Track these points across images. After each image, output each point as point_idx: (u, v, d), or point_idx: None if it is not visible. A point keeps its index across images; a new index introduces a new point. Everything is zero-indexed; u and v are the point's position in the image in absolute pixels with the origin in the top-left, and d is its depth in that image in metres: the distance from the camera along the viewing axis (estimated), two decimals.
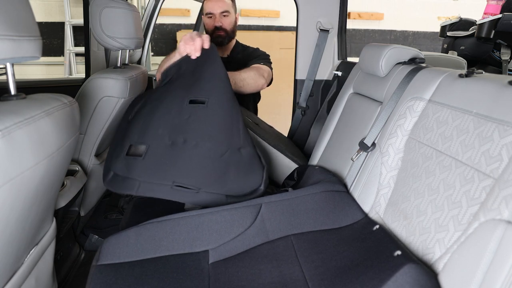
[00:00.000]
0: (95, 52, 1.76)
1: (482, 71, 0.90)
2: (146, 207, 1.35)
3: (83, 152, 1.46)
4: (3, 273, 0.75)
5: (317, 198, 1.10)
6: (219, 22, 1.75)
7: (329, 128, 1.50)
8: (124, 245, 0.97)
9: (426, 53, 1.92)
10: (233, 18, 1.80)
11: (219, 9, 1.73)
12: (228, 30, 1.78)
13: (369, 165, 1.09)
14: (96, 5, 1.32)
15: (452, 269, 0.70)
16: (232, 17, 1.79)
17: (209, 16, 1.76)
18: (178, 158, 1.09)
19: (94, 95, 1.37)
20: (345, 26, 1.93)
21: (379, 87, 1.24)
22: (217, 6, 1.73)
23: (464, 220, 0.72)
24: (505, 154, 0.69)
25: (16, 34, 0.68)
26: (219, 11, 1.74)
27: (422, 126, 0.96)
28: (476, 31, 2.87)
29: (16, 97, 0.75)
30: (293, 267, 0.93)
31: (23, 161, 0.68)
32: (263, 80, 1.68)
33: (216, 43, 1.75)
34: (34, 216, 0.82)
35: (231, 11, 1.77)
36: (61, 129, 0.82)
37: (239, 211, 1.06)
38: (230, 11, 1.76)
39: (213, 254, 0.99)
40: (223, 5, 1.74)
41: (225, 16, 1.75)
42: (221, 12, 1.74)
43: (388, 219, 0.96)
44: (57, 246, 1.07)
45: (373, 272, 0.78)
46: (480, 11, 3.31)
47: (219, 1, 1.74)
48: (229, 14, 1.76)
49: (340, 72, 1.86)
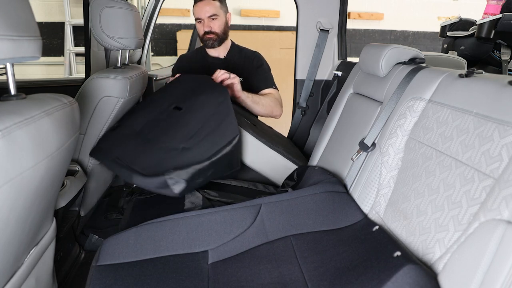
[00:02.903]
0: (95, 52, 1.76)
1: (482, 71, 0.90)
2: (145, 208, 1.35)
3: (83, 152, 1.46)
4: (3, 273, 0.75)
5: (316, 198, 1.10)
6: (208, 26, 1.73)
7: (329, 128, 1.50)
8: (123, 246, 0.97)
9: (426, 53, 1.92)
10: (223, 20, 1.76)
11: (206, 13, 1.71)
12: (219, 33, 1.76)
13: (369, 165, 1.09)
14: (96, 5, 1.32)
15: (452, 269, 0.70)
16: (221, 19, 1.75)
17: (199, 21, 1.75)
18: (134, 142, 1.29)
19: (94, 95, 1.37)
20: (345, 26, 1.93)
21: (379, 87, 1.24)
22: (204, 10, 1.71)
23: (464, 220, 0.72)
24: (505, 154, 0.69)
25: (16, 34, 0.68)
26: (207, 15, 1.71)
27: (422, 126, 0.96)
28: (476, 31, 2.87)
29: (16, 97, 0.75)
30: (292, 267, 0.93)
31: (23, 161, 0.68)
32: (280, 110, 1.78)
33: (208, 46, 1.77)
34: (34, 216, 0.82)
35: (219, 13, 1.74)
36: (61, 129, 0.82)
37: (239, 211, 1.06)
38: (218, 13, 1.73)
39: (212, 255, 0.99)
40: (210, 9, 1.71)
41: (214, 19, 1.72)
42: (209, 16, 1.71)
43: (388, 219, 0.96)
44: (57, 246, 1.07)
45: (372, 273, 0.78)
46: (480, 11, 3.31)
47: (206, 5, 1.71)
48: (217, 17, 1.73)
49: (340, 72, 1.86)
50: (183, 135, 1.24)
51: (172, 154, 1.19)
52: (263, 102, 1.68)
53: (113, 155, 1.26)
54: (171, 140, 1.24)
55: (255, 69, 1.82)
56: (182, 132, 1.26)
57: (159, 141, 1.25)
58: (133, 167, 1.16)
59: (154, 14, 2.22)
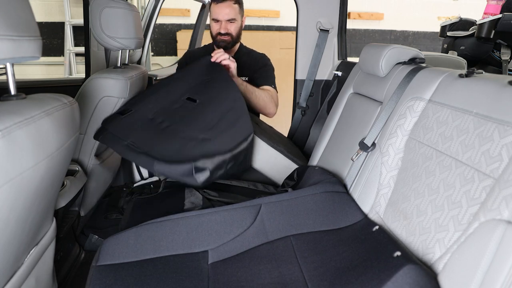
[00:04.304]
0: (95, 52, 1.76)
1: (482, 71, 0.90)
2: (145, 208, 1.35)
3: (83, 152, 1.46)
4: (3, 273, 0.75)
5: (316, 198, 1.10)
6: (224, 28, 1.72)
7: (329, 128, 1.50)
8: (123, 246, 0.97)
9: (426, 53, 1.92)
10: (239, 24, 1.76)
11: (225, 16, 1.70)
12: (234, 36, 1.76)
13: (369, 165, 1.09)
14: (96, 5, 1.32)
15: (452, 269, 0.70)
16: (238, 23, 1.75)
17: (215, 21, 1.73)
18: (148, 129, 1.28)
19: (94, 95, 1.37)
20: (345, 26, 1.92)
21: (379, 87, 1.24)
22: (224, 12, 1.70)
23: (464, 220, 0.72)
24: (505, 154, 0.69)
25: (16, 34, 0.68)
26: (225, 18, 1.70)
27: (422, 126, 0.96)
28: (476, 31, 2.87)
29: (16, 97, 0.75)
30: (292, 267, 0.92)
31: (23, 161, 0.68)
32: (274, 109, 1.75)
33: (219, 47, 1.76)
34: (34, 216, 0.82)
35: (237, 17, 1.73)
36: (61, 129, 0.82)
37: (239, 211, 1.06)
38: (236, 17, 1.73)
39: (212, 255, 0.99)
40: (230, 12, 1.70)
41: (232, 22, 1.72)
42: (228, 19, 1.71)
43: (388, 219, 0.96)
44: (57, 246, 1.07)
45: (372, 273, 0.78)
46: (480, 11, 3.31)
47: (227, 8, 1.69)
48: (235, 21, 1.73)
49: (340, 72, 1.86)
50: (201, 126, 1.24)
51: (192, 144, 1.18)
52: (257, 94, 1.66)
53: (126, 141, 1.22)
54: (189, 129, 1.23)
55: (258, 68, 1.82)
56: (201, 123, 1.26)
57: (177, 130, 1.24)
58: (152, 153, 1.14)
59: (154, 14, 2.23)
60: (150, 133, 1.25)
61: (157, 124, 1.28)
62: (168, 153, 1.14)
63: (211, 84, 1.41)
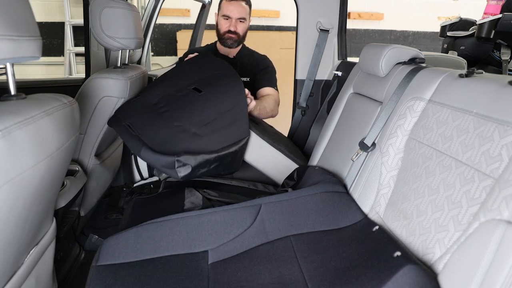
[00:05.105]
0: (95, 52, 1.76)
1: (482, 71, 0.90)
2: (145, 208, 1.35)
3: (83, 152, 1.46)
4: (3, 273, 0.75)
5: (316, 198, 1.10)
6: (234, 26, 1.75)
7: (329, 128, 1.50)
8: (123, 246, 0.97)
9: (426, 53, 1.92)
10: (247, 25, 1.80)
11: (237, 15, 1.73)
12: (241, 35, 1.79)
13: (369, 165, 1.09)
14: (96, 5, 1.32)
15: (452, 269, 0.69)
16: (246, 24, 1.79)
17: (225, 18, 1.75)
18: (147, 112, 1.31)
19: (94, 95, 1.37)
20: (345, 26, 1.92)
21: (379, 87, 1.24)
22: (236, 11, 1.73)
23: (464, 220, 0.72)
24: (505, 154, 0.69)
25: (16, 34, 0.68)
26: (237, 16, 1.73)
27: (422, 126, 0.96)
28: (476, 31, 2.87)
29: (16, 97, 0.75)
30: (292, 267, 0.92)
31: (23, 161, 0.68)
32: (277, 111, 1.76)
33: (226, 44, 1.78)
34: (34, 216, 0.82)
35: (247, 18, 1.78)
36: (61, 129, 0.82)
37: (239, 211, 1.06)
38: (246, 18, 1.77)
39: (212, 255, 0.99)
40: (242, 11, 1.74)
41: (241, 22, 1.76)
42: (238, 18, 1.74)
43: (388, 219, 0.96)
44: (57, 246, 1.07)
45: (372, 273, 0.78)
46: (480, 11, 3.31)
47: (239, 7, 1.73)
48: (244, 21, 1.77)
49: (340, 72, 1.86)
50: (197, 120, 1.26)
51: (183, 136, 1.21)
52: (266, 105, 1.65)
53: (126, 122, 1.28)
54: (184, 120, 1.25)
55: (260, 70, 1.84)
56: (197, 117, 1.27)
57: (172, 117, 1.26)
58: (143, 138, 1.18)
59: (154, 14, 2.22)
60: (148, 117, 1.29)
61: (157, 108, 1.32)
62: (158, 140, 1.18)
63: (220, 81, 1.42)
